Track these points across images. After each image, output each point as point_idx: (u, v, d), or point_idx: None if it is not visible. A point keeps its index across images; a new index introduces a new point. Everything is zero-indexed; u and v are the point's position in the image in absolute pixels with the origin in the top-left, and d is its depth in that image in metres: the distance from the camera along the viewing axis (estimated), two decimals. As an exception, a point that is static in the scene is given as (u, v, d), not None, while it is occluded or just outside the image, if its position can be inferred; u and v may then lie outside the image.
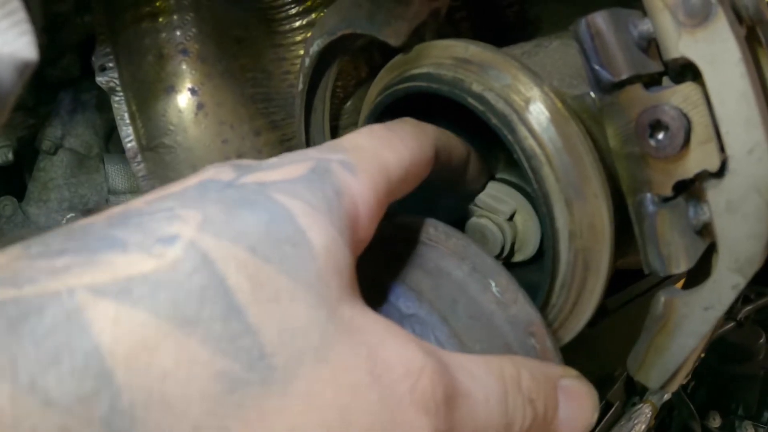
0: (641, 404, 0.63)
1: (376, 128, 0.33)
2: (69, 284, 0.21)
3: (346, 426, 0.23)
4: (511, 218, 0.39)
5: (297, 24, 0.60)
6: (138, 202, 0.26)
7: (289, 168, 0.28)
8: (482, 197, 0.40)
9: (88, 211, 0.72)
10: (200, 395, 0.21)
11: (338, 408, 0.23)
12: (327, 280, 0.25)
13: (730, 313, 0.79)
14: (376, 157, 0.30)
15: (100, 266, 0.22)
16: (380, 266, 0.35)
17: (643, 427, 0.60)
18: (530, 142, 0.33)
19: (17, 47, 0.24)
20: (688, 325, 0.32)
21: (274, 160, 0.29)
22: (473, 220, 0.40)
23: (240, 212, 0.25)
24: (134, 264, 0.22)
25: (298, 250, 0.24)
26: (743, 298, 0.83)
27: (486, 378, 0.28)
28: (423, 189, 0.39)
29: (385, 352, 0.25)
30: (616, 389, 0.63)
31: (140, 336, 0.21)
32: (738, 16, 0.31)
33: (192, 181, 0.27)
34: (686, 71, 0.31)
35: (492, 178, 0.42)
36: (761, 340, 0.80)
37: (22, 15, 0.24)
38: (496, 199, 0.39)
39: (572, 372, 0.33)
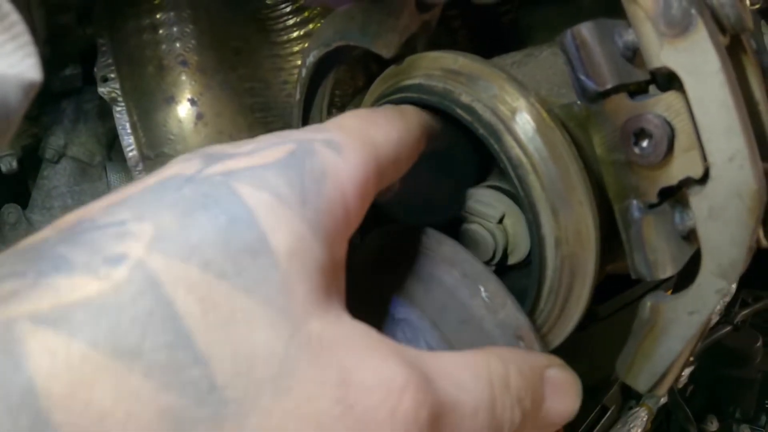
0: (637, 408, 0.63)
1: (361, 110, 0.32)
2: (11, 313, 0.20)
3: None
4: (500, 221, 0.40)
5: (294, 34, 0.61)
6: (94, 208, 0.24)
7: (265, 153, 0.26)
8: (471, 204, 0.41)
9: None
10: None
11: None
12: (292, 291, 0.22)
13: (727, 317, 0.80)
14: (363, 135, 0.29)
15: (44, 291, 0.20)
16: (373, 272, 0.36)
17: (639, 431, 0.61)
18: (516, 151, 0.34)
19: (23, 68, 0.24)
20: (674, 330, 0.33)
21: (252, 143, 0.27)
22: (464, 226, 0.40)
23: (195, 218, 0.22)
24: (78, 288, 0.20)
25: (258, 260, 0.22)
26: (740, 301, 0.83)
27: (474, 385, 0.26)
28: (417, 193, 0.40)
29: (361, 373, 0.23)
30: (612, 393, 0.64)
31: (78, 371, 0.19)
32: (720, 26, 0.31)
33: (153, 179, 0.25)
34: (673, 80, 0.31)
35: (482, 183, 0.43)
36: (758, 344, 0.80)
37: (27, 38, 0.25)
38: (485, 205, 0.40)
39: (556, 360, 0.32)
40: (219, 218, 0.23)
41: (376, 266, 0.37)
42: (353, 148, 0.27)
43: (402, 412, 0.23)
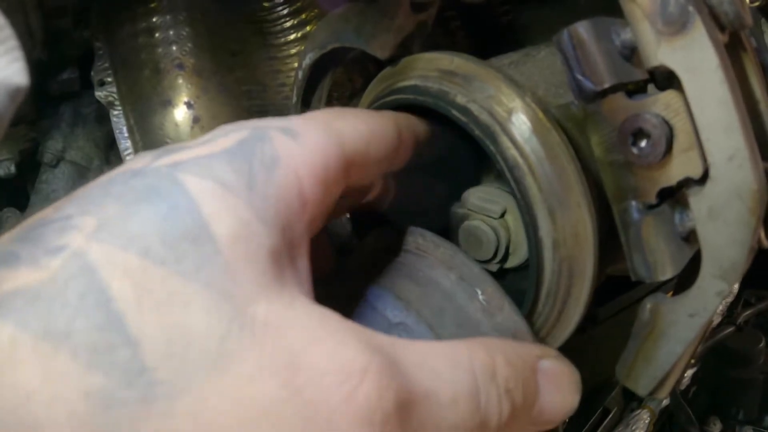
0: (639, 410, 0.62)
1: (330, 108, 0.32)
2: None
3: None
4: (502, 216, 0.39)
5: (292, 37, 0.60)
6: (50, 208, 0.25)
7: (216, 142, 0.26)
8: (473, 200, 0.40)
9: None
10: (68, 416, 0.19)
11: (242, 427, 0.21)
12: (235, 275, 0.22)
13: (729, 318, 0.79)
14: (326, 124, 0.28)
15: None
16: (369, 275, 0.36)
17: (642, 433, 0.60)
18: (513, 152, 0.34)
19: (9, 73, 0.24)
20: (674, 332, 0.32)
21: (209, 134, 0.27)
22: (466, 223, 0.40)
23: (138, 208, 0.23)
24: (19, 278, 0.21)
25: (198, 246, 0.22)
26: (743, 302, 0.83)
27: (452, 373, 0.25)
28: (412, 193, 0.40)
29: (313, 357, 0.22)
30: (613, 395, 0.63)
31: (6, 353, 0.20)
32: (719, 23, 0.31)
33: (105, 176, 0.26)
34: (672, 79, 0.31)
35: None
36: (761, 345, 0.80)
37: (13, 43, 0.25)
38: (486, 200, 0.39)
39: (551, 351, 0.30)
40: (160, 207, 0.23)
41: (372, 269, 0.36)
42: (312, 133, 0.27)
43: (362, 397, 0.21)
